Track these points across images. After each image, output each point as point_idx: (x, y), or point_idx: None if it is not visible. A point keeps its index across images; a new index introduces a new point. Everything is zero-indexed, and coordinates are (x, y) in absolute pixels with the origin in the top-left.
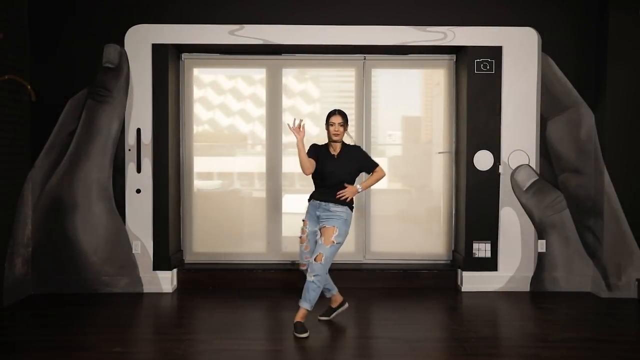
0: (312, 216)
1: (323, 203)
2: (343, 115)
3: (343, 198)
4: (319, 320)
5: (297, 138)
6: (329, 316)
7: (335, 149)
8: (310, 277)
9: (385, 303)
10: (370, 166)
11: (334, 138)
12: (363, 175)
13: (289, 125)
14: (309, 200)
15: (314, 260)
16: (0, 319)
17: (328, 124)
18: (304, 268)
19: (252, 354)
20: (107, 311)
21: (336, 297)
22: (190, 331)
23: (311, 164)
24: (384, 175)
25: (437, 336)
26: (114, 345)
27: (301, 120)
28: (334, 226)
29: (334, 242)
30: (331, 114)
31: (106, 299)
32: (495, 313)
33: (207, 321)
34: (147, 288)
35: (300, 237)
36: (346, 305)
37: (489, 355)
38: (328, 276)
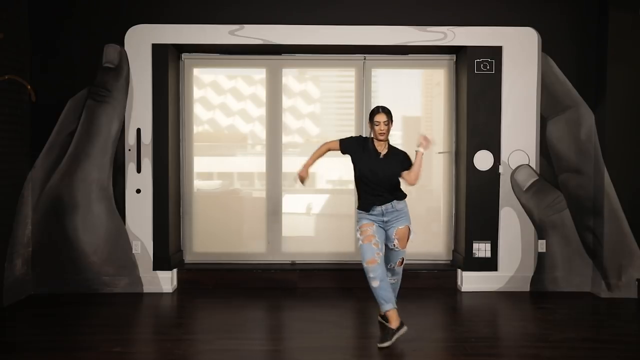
0: (376, 222)
1: (389, 206)
2: (387, 112)
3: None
4: (379, 348)
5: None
6: (391, 340)
7: (383, 148)
8: (392, 280)
9: None
10: (407, 164)
11: (380, 137)
12: None
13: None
14: (366, 210)
15: (397, 265)
16: (0, 319)
17: (372, 122)
18: (372, 265)
19: (252, 354)
20: (107, 311)
21: (394, 312)
22: (190, 331)
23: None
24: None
25: (437, 336)
26: (114, 345)
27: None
28: (406, 225)
29: (408, 242)
30: (375, 112)
31: (106, 299)
32: (495, 313)
33: (207, 321)
34: (147, 288)
35: (366, 236)
36: (405, 328)
37: (489, 355)
38: (389, 284)
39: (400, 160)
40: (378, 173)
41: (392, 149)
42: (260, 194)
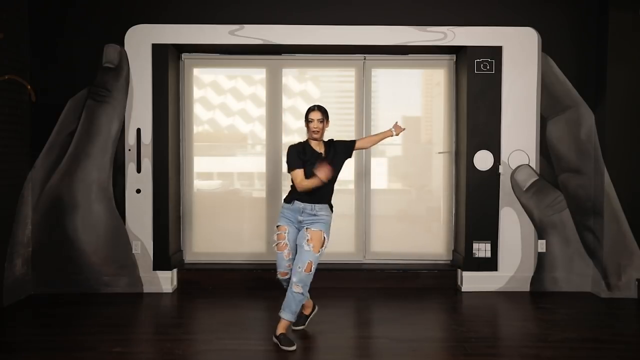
0: (292, 221)
1: (309, 206)
2: (323, 110)
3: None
4: (293, 330)
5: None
6: (304, 324)
7: (320, 147)
8: (297, 288)
9: (385, 303)
10: (350, 144)
11: (314, 136)
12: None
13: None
14: (289, 202)
15: (303, 270)
16: (0, 319)
17: (307, 120)
18: (284, 277)
19: (252, 354)
20: (107, 311)
21: (308, 302)
22: (190, 331)
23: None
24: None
25: (437, 336)
26: (114, 345)
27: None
28: (321, 230)
29: (322, 248)
30: (310, 109)
31: (106, 299)
32: (495, 313)
33: (207, 321)
34: (147, 288)
35: (279, 244)
36: (317, 309)
37: (489, 355)
38: None
39: (339, 151)
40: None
41: (328, 146)
42: (260, 194)
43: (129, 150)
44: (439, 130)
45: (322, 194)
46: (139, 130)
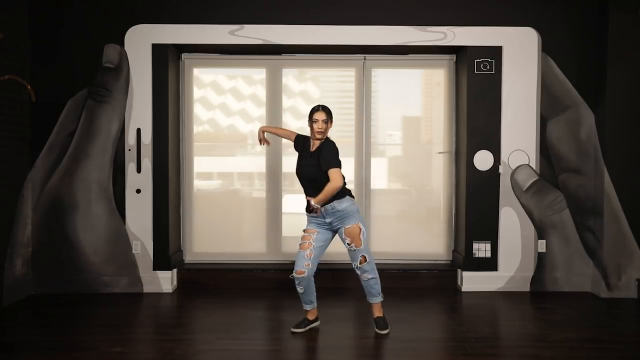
0: (320, 224)
1: (328, 207)
2: (327, 111)
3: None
4: (292, 332)
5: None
6: (304, 328)
7: (314, 146)
8: (366, 276)
9: (385, 303)
10: (326, 165)
11: (317, 136)
12: None
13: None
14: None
15: (359, 264)
16: (0, 319)
17: (311, 120)
18: (300, 275)
19: (252, 354)
20: (107, 311)
21: (314, 311)
22: (190, 331)
23: (291, 134)
24: (336, 185)
25: (437, 336)
26: (114, 345)
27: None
28: (356, 223)
29: (363, 239)
30: (314, 110)
31: (106, 299)
32: (495, 313)
33: (207, 321)
34: (147, 288)
35: (303, 244)
36: (318, 322)
37: (489, 355)
38: (313, 288)
39: (319, 153)
40: (306, 172)
41: (320, 146)
42: (260, 194)
43: (129, 150)
44: (439, 130)
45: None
46: (139, 130)
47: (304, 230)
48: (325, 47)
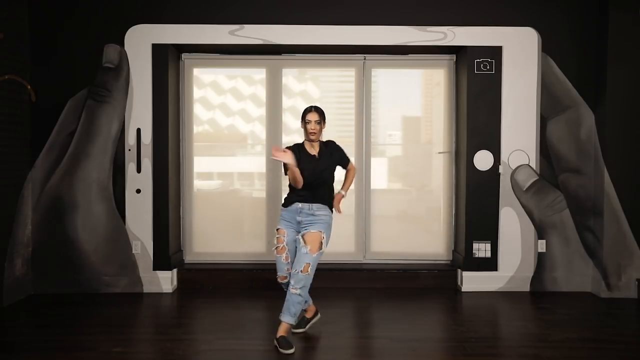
0: (291, 223)
1: (306, 206)
2: (320, 112)
3: (339, 211)
4: (294, 333)
5: (289, 162)
6: (304, 327)
7: (315, 149)
8: (295, 290)
9: (385, 303)
10: (346, 161)
11: (311, 137)
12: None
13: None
14: (285, 206)
15: (300, 271)
16: (0, 319)
17: (304, 121)
18: (284, 281)
19: (252, 354)
20: (107, 311)
21: (311, 307)
22: (190, 331)
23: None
24: (355, 172)
25: (437, 336)
26: (114, 345)
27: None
28: (320, 231)
29: (320, 250)
30: (307, 110)
31: (106, 299)
32: (495, 313)
33: (207, 321)
34: (147, 288)
35: (278, 248)
36: (319, 316)
37: (488, 355)
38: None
39: (333, 154)
40: (322, 175)
41: (321, 145)
42: (260, 194)
43: (129, 150)
44: (439, 130)
45: (320, 194)
46: (139, 130)
47: (277, 230)
48: (325, 47)
